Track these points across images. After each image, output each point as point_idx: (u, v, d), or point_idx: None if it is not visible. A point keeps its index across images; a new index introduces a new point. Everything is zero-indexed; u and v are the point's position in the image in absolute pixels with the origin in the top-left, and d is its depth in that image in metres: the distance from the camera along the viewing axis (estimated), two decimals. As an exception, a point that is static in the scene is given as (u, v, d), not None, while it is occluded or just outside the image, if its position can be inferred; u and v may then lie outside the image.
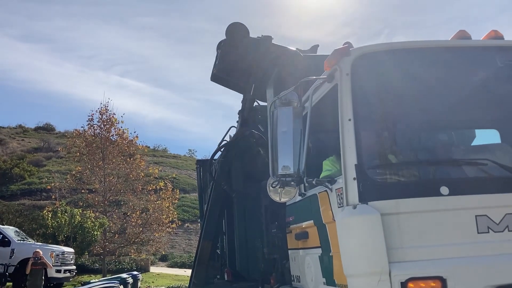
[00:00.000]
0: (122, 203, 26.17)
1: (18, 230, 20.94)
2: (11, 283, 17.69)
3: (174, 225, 25.22)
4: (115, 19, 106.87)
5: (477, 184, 3.51)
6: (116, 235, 24.69)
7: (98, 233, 23.35)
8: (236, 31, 5.85)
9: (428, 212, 3.35)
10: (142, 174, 24.73)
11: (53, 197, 25.92)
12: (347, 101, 3.60)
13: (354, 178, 3.43)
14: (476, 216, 3.35)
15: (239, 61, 6.00)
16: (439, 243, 3.30)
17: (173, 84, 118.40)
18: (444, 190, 3.36)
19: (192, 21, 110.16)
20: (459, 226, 3.35)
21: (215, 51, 6.53)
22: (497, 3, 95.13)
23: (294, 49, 5.71)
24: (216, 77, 6.66)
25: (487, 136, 4.82)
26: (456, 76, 4.08)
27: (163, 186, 24.81)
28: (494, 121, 4.71)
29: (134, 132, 27.54)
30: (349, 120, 3.55)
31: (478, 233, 3.33)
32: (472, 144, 4.65)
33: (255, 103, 6.20)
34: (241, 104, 6.41)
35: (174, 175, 36.53)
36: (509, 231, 3.34)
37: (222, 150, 6.48)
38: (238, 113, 6.43)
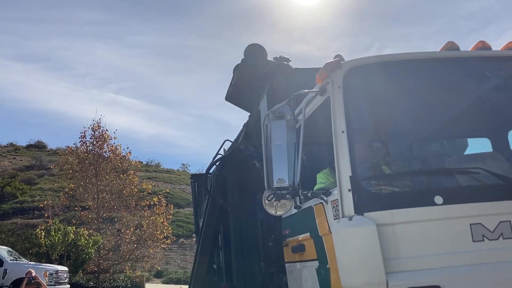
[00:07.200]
0: (115, 219, 25.97)
1: (11, 250, 20.71)
2: (4, 304, 17.47)
3: (168, 241, 25.06)
4: (109, 38, 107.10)
5: (471, 193, 3.53)
6: (110, 252, 24.48)
7: (92, 250, 23.13)
8: (253, 52, 5.83)
9: (423, 222, 3.38)
10: (136, 190, 24.61)
11: (46, 215, 25.68)
12: (340, 114, 3.64)
13: (349, 190, 3.45)
14: (470, 224, 3.37)
15: (253, 80, 5.98)
16: (435, 252, 3.32)
17: (167, 100, 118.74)
18: (438, 199, 3.39)
19: (185, 38, 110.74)
20: (454, 235, 3.37)
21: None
22: (483, 16, 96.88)
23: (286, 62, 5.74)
24: (230, 97, 6.68)
25: (478, 145, 4.89)
26: (446, 86, 4.14)
27: (156, 201, 24.69)
28: (485, 130, 4.78)
29: (127, 148, 27.35)
30: (343, 132, 3.58)
31: (473, 241, 3.35)
32: (464, 153, 4.70)
33: None
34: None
35: (167, 190, 36.39)
36: (503, 238, 3.37)
37: (217, 164, 6.48)
38: (244, 126, 6.45)
